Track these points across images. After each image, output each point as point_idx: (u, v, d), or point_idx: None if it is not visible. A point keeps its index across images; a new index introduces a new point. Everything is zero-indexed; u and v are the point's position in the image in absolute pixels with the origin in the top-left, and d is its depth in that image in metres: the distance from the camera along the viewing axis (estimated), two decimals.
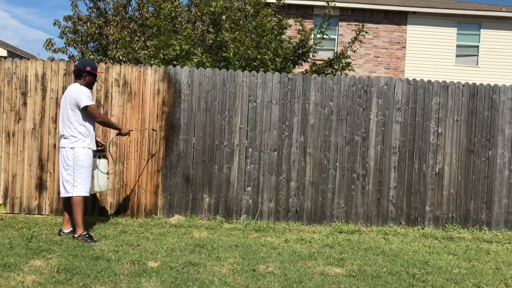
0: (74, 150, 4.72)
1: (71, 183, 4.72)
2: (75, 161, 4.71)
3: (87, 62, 5.01)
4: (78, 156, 4.71)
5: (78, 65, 4.90)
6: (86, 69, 4.86)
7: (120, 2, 12.27)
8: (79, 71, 4.86)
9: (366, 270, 4.14)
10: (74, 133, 4.73)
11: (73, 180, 4.72)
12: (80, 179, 4.73)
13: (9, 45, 18.30)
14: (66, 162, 4.73)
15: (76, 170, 4.72)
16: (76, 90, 4.76)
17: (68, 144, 4.72)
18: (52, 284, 3.42)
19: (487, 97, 6.26)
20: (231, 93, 6.06)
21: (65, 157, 4.73)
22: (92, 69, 4.90)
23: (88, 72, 4.87)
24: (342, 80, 6.17)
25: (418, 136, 6.18)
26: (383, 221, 6.13)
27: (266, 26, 8.73)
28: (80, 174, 4.73)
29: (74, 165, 4.71)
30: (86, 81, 4.88)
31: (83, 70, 4.85)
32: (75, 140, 4.73)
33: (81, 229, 4.72)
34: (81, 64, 4.90)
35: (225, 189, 6.04)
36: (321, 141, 6.12)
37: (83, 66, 4.87)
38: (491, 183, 6.23)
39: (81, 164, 4.73)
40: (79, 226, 4.72)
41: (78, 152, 4.72)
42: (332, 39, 14.95)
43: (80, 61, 5.03)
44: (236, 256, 4.36)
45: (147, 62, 8.68)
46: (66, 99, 4.79)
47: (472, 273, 4.23)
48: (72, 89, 4.80)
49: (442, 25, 15.96)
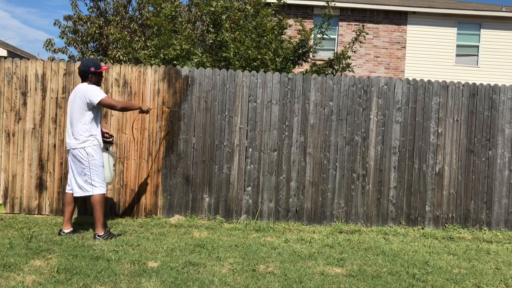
0: (86, 150, 4.73)
1: (89, 182, 4.74)
2: (90, 160, 4.73)
3: (89, 62, 4.92)
4: (92, 155, 4.74)
5: (82, 68, 4.85)
6: (91, 70, 4.83)
7: (120, 2, 12.28)
8: (84, 73, 4.84)
9: (366, 270, 4.14)
10: (84, 132, 4.73)
11: (90, 179, 4.74)
12: (96, 177, 4.77)
13: (9, 45, 18.31)
14: (80, 163, 4.73)
15: (92, 169, 4.74)
16: (84, 90, 4.74)
17: (79, 144, 4.72)
18: (52, 284, 3.42)
19: (487, 97, 6.26)
20: (231, 93, 6.06)
21: (79, 158, 4.73)
22: (96, 68, 4.87)
23: (93, 72, 4.85)
24: (342, 80, 6.17)
25: (418, 136, 6.18)
26: (383, 221, 6.13)
27: (266, 26, 8.73)
28: (96, 172, 4.76)
29: (90, 165, 4.73)
30: (93, 81, 4.88)
31: (88, 71, 4.83)
32: (84, 140, 4.73)
33: (104, 228, 4.78)
34: (84, 66, 4.85)
35: (225, 189, 6.04)
36: (321, 141, 6.12)
37: (87, 68, 4.83)
38: (491, 183, 6.23)
39: (95, 163, 4.76)
40: (102, 225, 4.77)
41: (91, 152, 4.74)
42: (332, 39, 14.96)
43: (82, 62, 4.95)
44: (236, 256, 4.36)
45: (147, 62, 8.68)
46: (76, 100, 4.76)
47: (472, 273, 4.23)
48: (80, 89, 4.79)
49: (442, 25, 15.96)
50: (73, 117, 4.76)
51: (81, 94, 4.74)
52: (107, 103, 4.81)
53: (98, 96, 4.72)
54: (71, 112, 4.79)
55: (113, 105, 4.89)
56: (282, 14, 9.71)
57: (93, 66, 4.85)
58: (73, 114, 4.76)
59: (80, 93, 4.75)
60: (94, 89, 4.76)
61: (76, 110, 4.74)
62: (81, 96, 4.73)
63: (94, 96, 4.71)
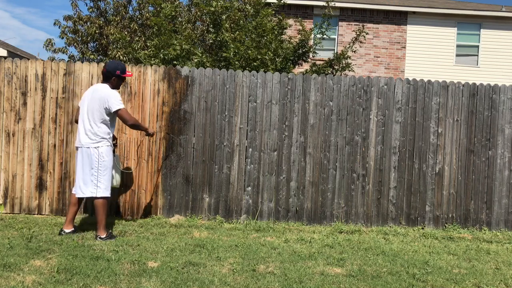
0: (99, 150, 4.73)
1: (94, 183, 4.73)
2: (100, 161, 4.73)
3: (117, 65, 4.92)
4: (103, 156, 4.74)
5: (107, 68, 4.85)
6: (116, 73, 4.85)
7: (120, 2, 12.28)
8: (109, 74, 4.84)
9: (366, 270, 4.14)
10: (100, 133, 4.74)
11: (96, 181, 4.74)
12: (103, 180, 4.76)
13: (9, 45, 18.31)
14: (90, 162, 4.72)
15: (100, 170, 4.73)
16: (107, 94, 4.73)
17: (92, 144, 4.72)
18: (52, 284, 3.43)
19: (487, 97, 6.26)
20: (231, 93, 6.06)
21: (90, 157, 4.71)
22: (121, 73, 4.89)
23: (118, 76, 4.87)
24: (342, 80, 6.17)
25: (418, 136, 6.18)
26: (383, 221, 6.13)
27: (266, 26, 8.73)
28: (103, 175, 4.76)
29: (99, 166, 4.73)
30: (114, 84, 4.90)
31: (113, 74, 4.84)
32: (99, 140, 4.74)
33: (106, 231, 4.79)
34: (110, 68, 4.85)
35: (225, 189, 6.04)
36: (321, 141, 6.12)
37: (113, 70, 4.84)
38: (491, 183, 6.23)
39: (105, 165, 4.76)
40: (104, 227, 4.77)
41: (103, 152, 4.74)
42: (332, 39, 14.96)
43: (109, 64, 4.92)
44: (236, 256, 4.36)
45: (147, 62, 8.68)
46: (95, 100, 4.74)
47: (472, 273, 4.23)
48: (101, 91, 4.76)
49: (442, 25, 15.96)
50: (90, 117, 4.74)
51: (101, 97, 4.73)
52: (122, 115, 4.82)
53: (117, 106, 4.74)
54: (89, 111, 4.76)
55: (126, 120, 4.88)
56: (282, 14, 9.71)
57: (119, 70, 4.87)
58: (91, 114, 4.74)
59: (101, 96, 4.73)
60: (116, 98, 4.76)
61: (95, 110, 4.73)
62: (102, 99, 4.72)
63: (114, 104, 4.73)
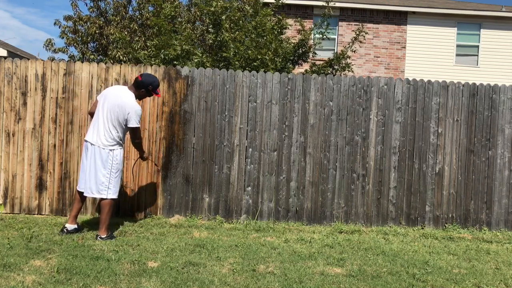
0: (114, 153, 4.77)
1: (105, 185, 4.75)
2: (113, 164, 4.76)
3: (153, 81, 4.95)
4: (117, 158, 4.78)
5: (143, 79, 4.88)
6: (148, 87, 4.90)
7: (120, 2, 12.28)
8: (141, 84, 4.88)
9: (366, 270, 4.15)
10: (117, 138, 4.79)
11: (108, 182, 4.76)
12: (114, 182, 4.80)
13: (9, 45, 18.30)
14: (103, 164, 4.73)
15: (113, 172, 4.77)
16: (130, 106, 4.75)
17: (108, 146, 4.74)
18: (52, 284, 3.43)
19: (487, 97, 6.26)
20: (231, 93, 6.06)
21: (104, 158, 4.73)
22: (153, 89, 4.94)
23: (147, 89, 4.92)
24: (342, 80, 6.17)
25: (418, 136, 6.18)
26: (383, 221, 6.13)
27: (266, 26, 8.74)
28: (115, 177, 4.80)
29: (112, 168, 4.76)
30: (140, 94, 4.95)
31: (145, 86, 4.89)
32: (115, 143, 4.78)
33: (108, 231, 4.81)
34: (146, 80, 4.89)
35: (225, 189, 6.04)
36: (321, 141, 6.12)
37: (147, 83, 4.89)
38: (491, 183, 6.23)
39: (118, 167, 4.81)
40: (106, 228, 4.79)
41: (117, 155, 4.79)
42: (332, 39, 14.96)
43: (147, 76, 4.98)
44: (236, 256, 4.36)
45: (147, 62, 8.69)
46: (118, 107, 4.73)
47: (472, 273, 4.23)
48: (125, 101, 4.76)
49: (442, 25, 15.96)
50: (111, 121, 4.74)
51: (124, 107, 4.73)
52: (134, 132, 4.88)
53: (135, 124, 4.79)
54: (111, 114, 4.74)
55: (135, 137, 4.93)
56: (282, 14, 9.72)
57: (152, 86, 4.93)
58: (114, 118, 4.74)
59: (125, 106, 4.73)
60: (137, 115, 4.80)
61: (118, 117, 4.74)
62: (124, 110, 4.72)
63: (133, 121, 4.76)
